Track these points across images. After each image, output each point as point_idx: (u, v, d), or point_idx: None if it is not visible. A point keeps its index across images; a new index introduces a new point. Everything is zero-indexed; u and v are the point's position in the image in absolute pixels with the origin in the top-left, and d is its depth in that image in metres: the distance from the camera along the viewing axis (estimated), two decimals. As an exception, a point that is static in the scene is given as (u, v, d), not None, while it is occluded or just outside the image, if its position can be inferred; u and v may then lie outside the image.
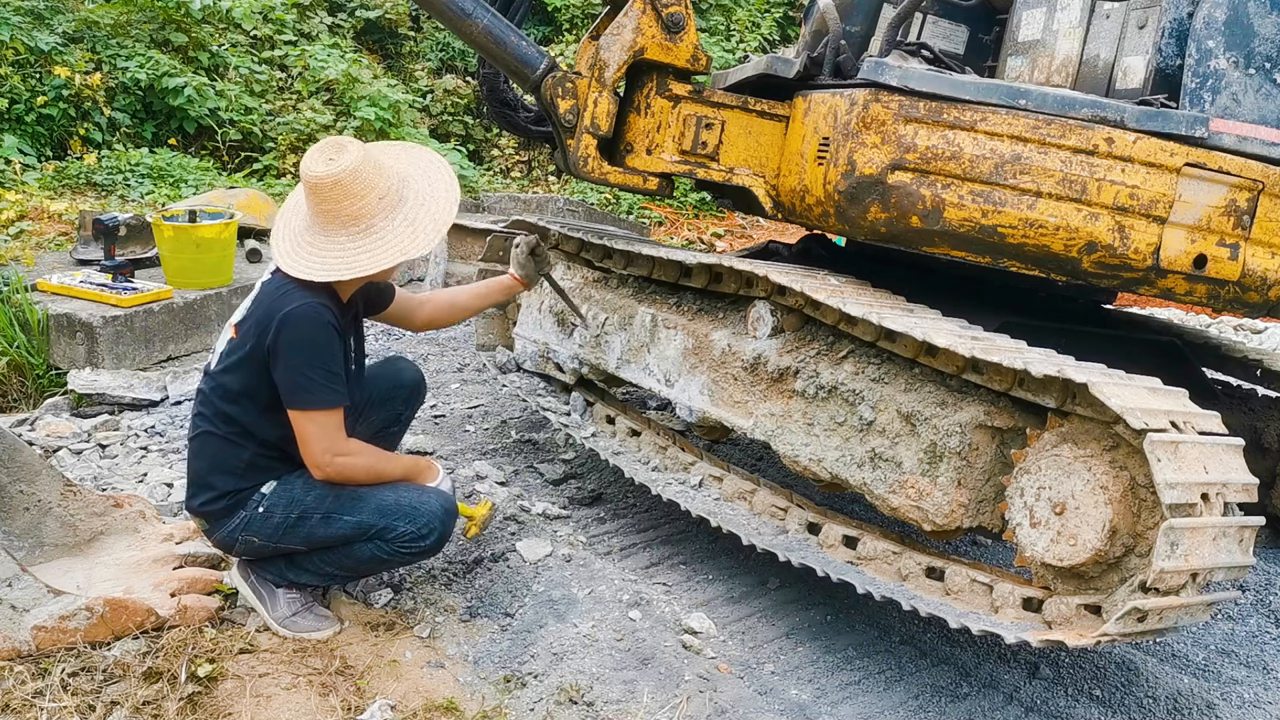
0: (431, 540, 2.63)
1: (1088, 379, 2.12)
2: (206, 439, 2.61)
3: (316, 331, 2.48)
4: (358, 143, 2.50)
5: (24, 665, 2.36)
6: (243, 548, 2.65)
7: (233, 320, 2.63)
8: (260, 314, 2.51)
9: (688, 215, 9.55)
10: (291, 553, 2.68)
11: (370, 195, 2.47)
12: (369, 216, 2.48)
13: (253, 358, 2.51)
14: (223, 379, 2.58)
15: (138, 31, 7.91)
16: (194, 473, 2.65)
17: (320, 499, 2.60)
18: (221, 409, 2.58)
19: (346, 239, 2.49)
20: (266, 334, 2.47)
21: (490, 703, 2.49)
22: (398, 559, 2.66)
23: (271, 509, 2.60)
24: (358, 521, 2.59)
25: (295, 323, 2.45)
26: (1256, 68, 2.83)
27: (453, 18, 3.08)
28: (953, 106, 2.75)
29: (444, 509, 2.65)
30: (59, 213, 5.82)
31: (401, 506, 2.60)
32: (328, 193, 2.44)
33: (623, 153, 3.22)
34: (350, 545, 2.63)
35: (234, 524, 2.61)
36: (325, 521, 2.60)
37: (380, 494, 2.62)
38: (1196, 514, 2.04)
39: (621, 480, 3.42)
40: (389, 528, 2.58)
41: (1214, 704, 2.78)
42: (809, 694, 2.64)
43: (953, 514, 2.42)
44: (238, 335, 2.56)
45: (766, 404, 2.87)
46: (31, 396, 4.32)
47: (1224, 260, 2.80)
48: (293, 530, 2.61)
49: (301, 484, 2.62)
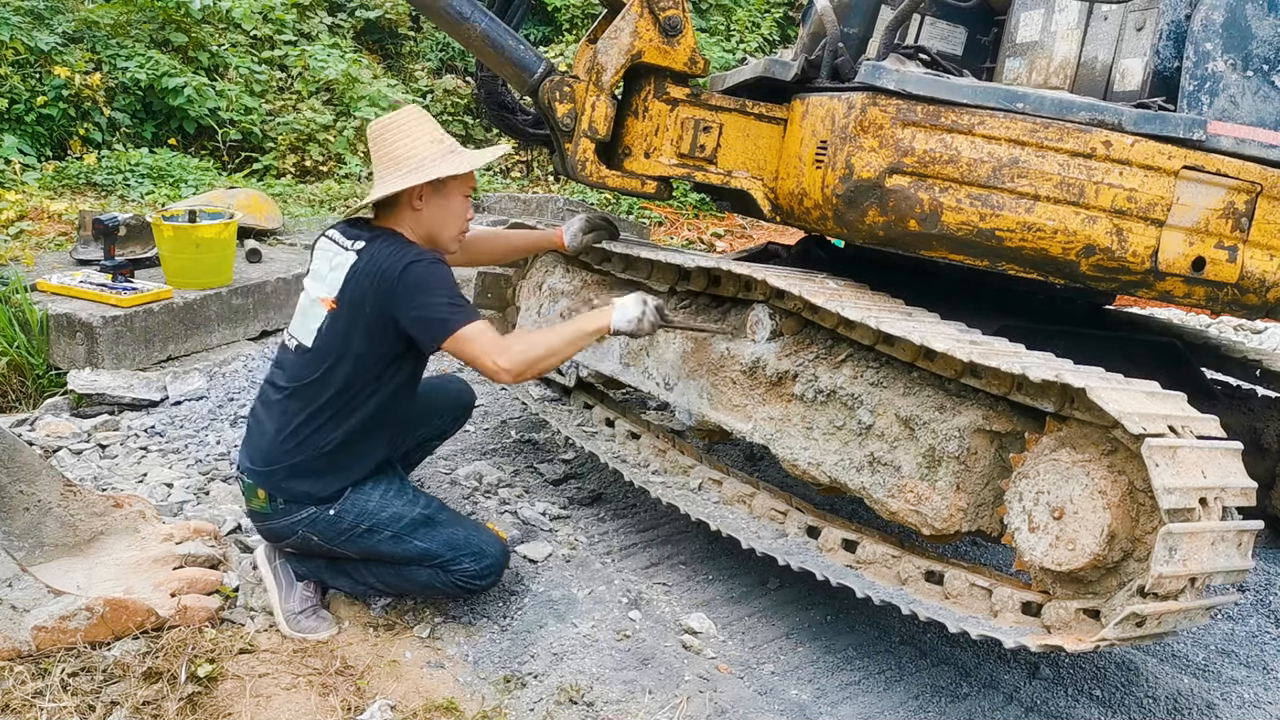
0: (488, 582, 2.74)
1: (1085, 383, 2.12)
2: (290, 411, 2.63)
3: (443, 269, 2.63)
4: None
5: (24, 665, 2.37)
6: (298, 541, 2.70)
7: (316, 295, 2.67)
8: (374, 275, 2.57)
9: (687, 215, 9.55)
10: (338, 557, 2.72)
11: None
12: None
13: (365, 321, 2.58)
14: (320, 354, 2.61)
15: (138, 31, 7.90)
16: (272, 442, 2.65)
17: (395, 518, 2.66)
18: (323, 381, 2.61)
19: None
20: (388, 287, 2.54)
21: (490, 703, 2.50)
22: (450, 590, 2.73)
23: (343, 513, 2.65)
24: (426, 549, 2.66)
25: (421, 266, 2.57)
26: (1254, 70, 2.83)
27: (450, 21, 3.08)
28: (950, 110, 2.75)
29: (504, 554, 2.79)
30: (59, 213, 5.82)
31: (471, 544, 2.69)
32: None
33: (621, 156, 3.22)
34: (408, 566, 2.69)
35: (300, 518, 2.65)
36: (395, 540, 2.66)
37: (454, 528, 2.72)
38: (1195, 519, 2.04)
39: (621, 480, 3.42)
40: (454, 561, 2.66)
41: (1214, 704, 2.79)
42: (809, 694, 2.65)
43: (951, 518, 2.42)
44: (338, 306, 2.61)
45: (765, 407, 2.88)
46: (31, 396, 4.32)
47: (1222, 263, 2.80)
48: (357, 540, 2.66)
49: (379, 498, 2.68)
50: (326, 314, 2.63)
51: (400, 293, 2.54)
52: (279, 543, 2.76)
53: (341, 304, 2.61)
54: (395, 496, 2.70)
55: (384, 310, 2.56)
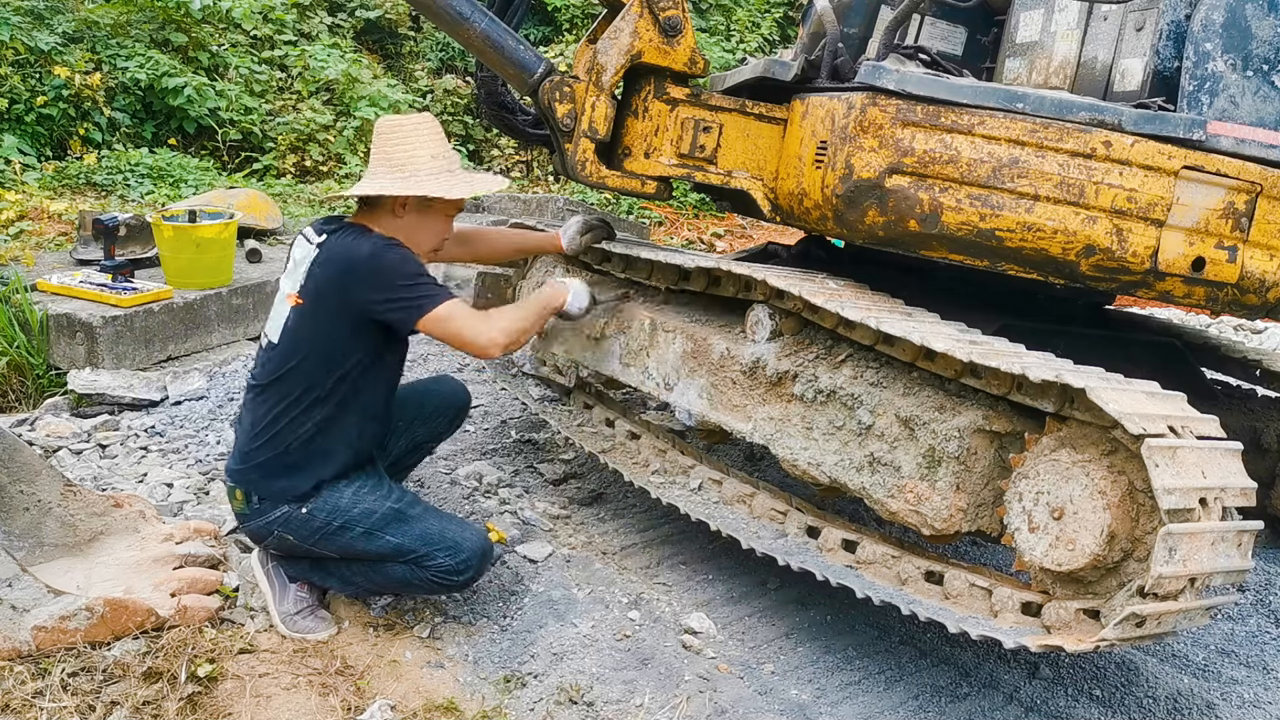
0: (466, 577, 2.67)
1: (1085, 384, 2.12)
2: (263, 408, 2.64)
3: (404, 253, 2.61)
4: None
5: (24, 665, 2.37)
6: (275, 542, 2.69)
7: (285, 292, 2.67)
8: (334, 265, 2.57)
9: (688, 215, 9.56)
10: (320, 557, 2.70)
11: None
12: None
13: (330, 312, 2.57)
14: (288, 349, 2.61)
15: (138, 31, 7.90)
16: (247, 439, 2.67)
17: (366, 514, 2.63)
18: (290, 378, 2.60)
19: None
20: (352, 274, 2.55)
21: (490, 703, 2.50)
22: (427, 587, 2.68)
23: (314, 512, 2.62)
24: (399, 544, 2.61)
25: (382, 252, 2.57)
26: (1254, 70, 2.83)
27: (450, 22, 3.08)
28: (950, 110, 2.75)
29: (483, 549, 2.69)
30: (59, 213, 5.82)
31: (445, 538, 2.63)
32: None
33: (621, 156, 3.22)
34: (384, 563, 2.65)
35: (274, 517, 2.64)
36: (366, 537, 2.62)
37: (426, 522, 2.66)
38: (1195, 519, 2.04)
39: (621, 480, 3.42)
40: (428, 556, 2.61)
41: (1214, 704, 2.79)
42: (809, 694, 2.65)
43: (951, 518, 2.42)
44: (303, 300, 2.60)
45: (765, 408, 2.88)
46: (31, 396, 4.32)
47: (1222, 263, 2.80)
48: (331, 538, 2.63)
49: (350, 494, 2.65)
50: (290, 309, 2.62)
51: (366, 279, 2.54)
52: (260, 544, 2.76)
53: (306, 297, 2.60)
54: (369, 493, 2.67)
55: (350, 299, 2.56)
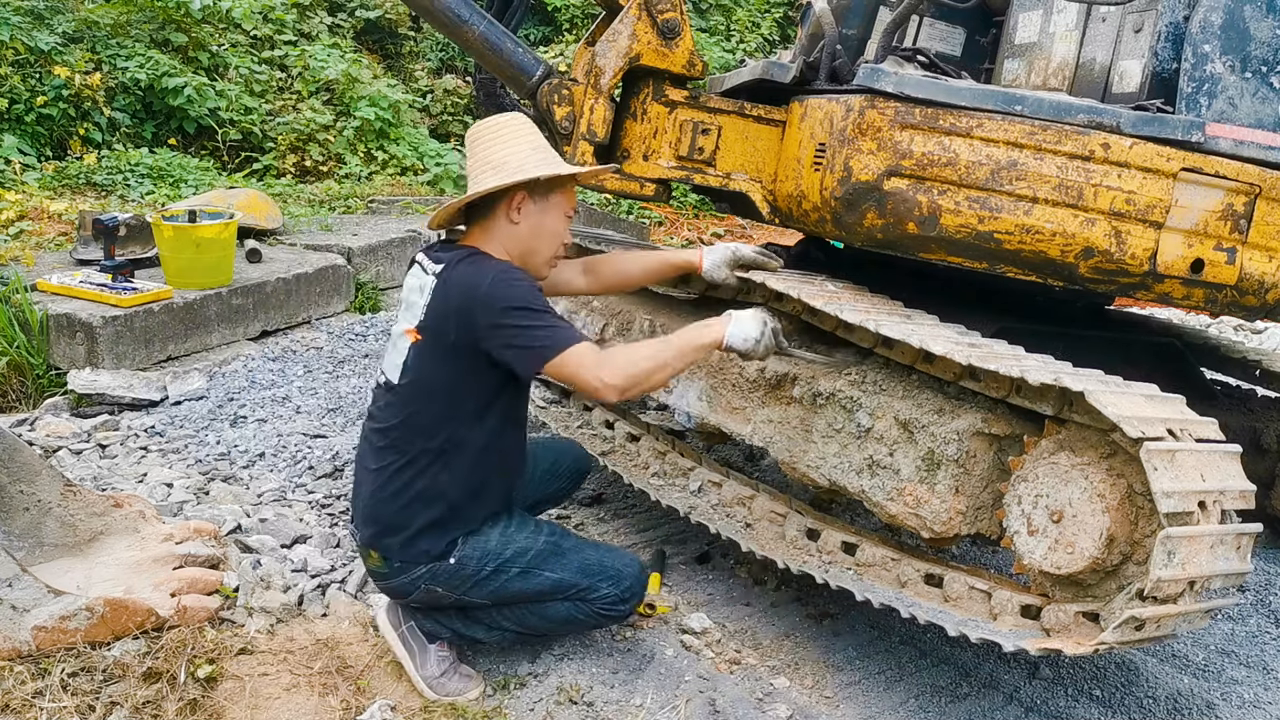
0: (630, 606, 2.57)
1: (1084, 387, 2.12)
2: (386, 460, 2.44)
3: (532, 286, 2.39)
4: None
5: (24, 665, 2.37)
6: (422, 596, 2.50)
7: (403, 327, 2.46)
8: (455, 297, 2.34)
9: (687, 215, 9.56)
10: (469, 606, 2.55)
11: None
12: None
13: (453, 349, 2.36)
14: (413, 388, 2.41)
15: (138, 31, 7.90)
16: (371, 504, 2.47)
17: (520, 553, 2.48)
18: (414, 423, 2.41)
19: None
20: (473, 309, 2.30)
21: (490, 703, 2.50)
22: (593, 621, 2.57)
23: (465, 560, 2.45)
24: (559, 579, 2.49)
25: (507, 284, 2.33)
26: (1253, 71, 2.83)
27: (449, 24, 3.08)
28: (949, 112, 2.75)
29: (641, 573, 2.61)
30: (59, 213, 5.82)
31: (605, 568, 2.52)
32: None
33: (619, 159, 3.22)
34: (543, 603, 2.52)
35: (419, 573, 2.46)
36: (524, 576, 2.48)
37: (583, 553, 2.55)
38: (1194, 522, 2.04)
39: (621, 482, 3.43)
40: (592, 588, 2.50)
41: (1214, 704, 2.80)
42: (809, 694, 2.65)
43: (950, 521, 2.43)
44: (421, 336, 2.40)
45: (765, 410, 2.88)
46: (31, 396, 4.32)
47: (1221, 264, 2.80)
48: (484, 583, 2.47)
49: (498, 536, 2.50)
50: (410, 346, 2.42)
51: (487, 315, 2.30)
52: (404, 599, 2.56)
53: (425, 333, 2.39)
54: (516, 531, 2.52)
55: (470, 336, 2.32)
